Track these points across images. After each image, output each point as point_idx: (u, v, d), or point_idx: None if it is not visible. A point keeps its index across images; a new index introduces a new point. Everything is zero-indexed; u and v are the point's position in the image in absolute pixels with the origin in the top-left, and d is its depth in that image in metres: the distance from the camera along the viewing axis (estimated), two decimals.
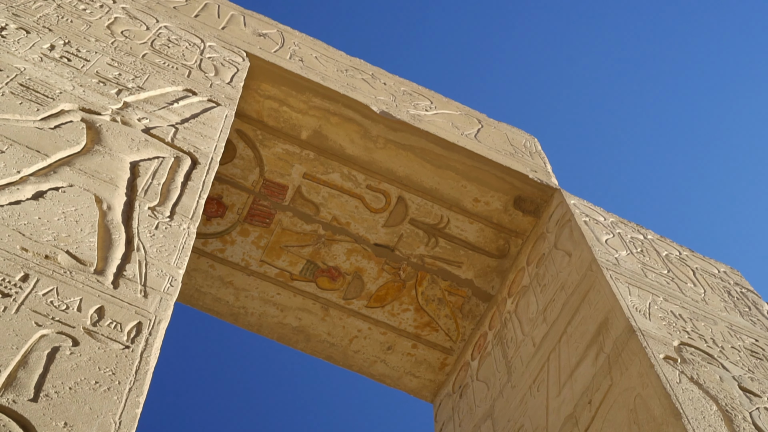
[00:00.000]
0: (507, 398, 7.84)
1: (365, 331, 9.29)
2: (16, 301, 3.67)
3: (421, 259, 9.08)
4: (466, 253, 9.08)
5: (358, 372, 9.59)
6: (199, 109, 6.50)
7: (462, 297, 9.17)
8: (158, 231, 4.69)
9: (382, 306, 9.20)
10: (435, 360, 9.39)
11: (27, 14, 6.74)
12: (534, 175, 8.92)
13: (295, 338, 9.30)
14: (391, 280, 9.12)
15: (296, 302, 9.17)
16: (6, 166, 4.58)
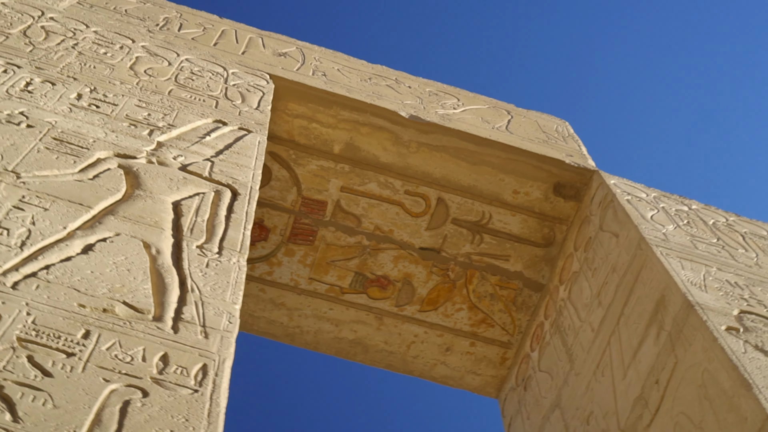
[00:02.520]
0: (572, 386, 7.79)
1: (422, 336, 9.27)
2: (82, 360, 3.68)
3: (468, 258, 9.05)
4: (512, 245, 9.03)
5: (420, 377, 9.57)
6: (232, 138, 6.51)
7: (514, 290, 9.13)
8: (209, 269, 4.70)
9: (435, 308, 9.18)
10: (495, 355, 9.35)
11: (50, 66, 6.79)
12: (570, 159, 8.86)
13: (353, 351, 9.29)
14: (441, 281, 9.10)
15: (350, 315, 9.17)
16: (52, 223, 4.61)
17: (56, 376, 3.54)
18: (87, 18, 8.22)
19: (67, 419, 3.34)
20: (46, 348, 3.69)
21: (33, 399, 3.38)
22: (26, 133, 5.52)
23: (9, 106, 5.83)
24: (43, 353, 3.65)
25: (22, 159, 5.18)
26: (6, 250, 4.25)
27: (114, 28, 8.19)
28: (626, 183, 8.61)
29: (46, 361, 3.61)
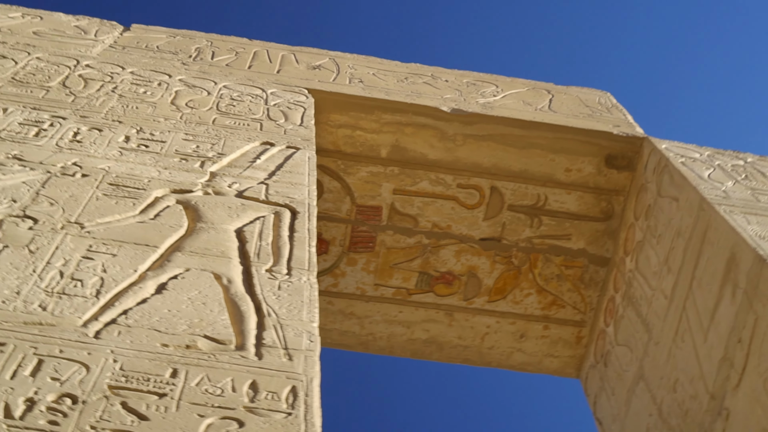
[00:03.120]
0: (653, 356, 7.73)
1: (494, 326, 9.26)
2: (174, 399, 3.72)
3: (529, 242, 9.02)
4: (571, 224, 8.99)
5: (497, 367, 9.56)
6: (282, 158, 6.54)
7: (579, 268, 9.09)
8: (282, 291, 4.72)
9: (504, 297, 9.16)
10: (570, 336, 9.31)
11: (94, 113, 6.86)
12: (618, 129, 8.81)
13: (428, 350, 9.30)
14: (506, 269, 9.08)
15: (420, 315, 9.18)
16: (122, 268, 4.66)
17: (152, 418, 3.58)
18: (121, 60, 8.30)
19: None
20: (137, 392, 3.73)
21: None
22: (83, 183, 5.59)
23: (61, 158, 5.90)
24: (135, 397, 3.69)
25: (83, 209, 5.25)
26: (83, 301, 4.30)
27: (149, 66, 8.26)
28: (678, 145, 8.53)
29: (140, 405, 3.65)
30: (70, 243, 4.83)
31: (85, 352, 3.92)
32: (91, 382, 3.73)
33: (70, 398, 3.61)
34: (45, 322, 4.09)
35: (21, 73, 7.46)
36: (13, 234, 4.81)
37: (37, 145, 6.06)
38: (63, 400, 3.60)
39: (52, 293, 4.33)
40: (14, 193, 5.29)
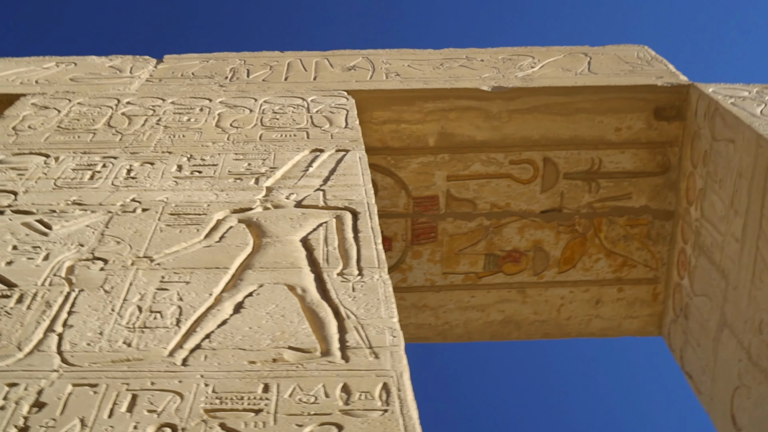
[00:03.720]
0: (734, 302, 7.64)
1: (568, 296, 9.21)
2: (270, 413, 3.74)
3: (590, 207, 8.96)
4: (630, 182, 8.92)
5: (577, 336, 9.51)
6: (333, 162, 6.56)
7: (645, 225, 9.01)
8: (356, 292, 4.73)
9: (574, 266, 9.11)
10: (645, 294, 9.24)
11: (143, 148, 6.93)
12: (661, 81, 8.72)
13: (506, 331, 9.28)
14: (571, 238, 9.03)
15: (492, 297, 9.16)
16: (197, 294, 4.70)
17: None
18: (160, 92, 8.38)
19: None
20: (233, 411, 3.76)
21: None
22: (144, 217, 5.65)
23: (120, 197, 5.97)
24: (232, 417, 3.72)
25: (149, 242, 5.30)
26: (165, 331, 4.34)
27: (188, 93, 8.33)
28: (725, 87, 8.43)
29: (238, 425, 3.67)
30: (143, 277, 4.88)
31: (176, 381, 3.96)
32: (187, 409, 3.77)
33: (170, 428, 3.65)
34: (132, 358, 4.13)
35: (65, 120, 7.56)
36: (86, 277, 4.87)
37: (93, 188, 6.13)
38: (163, 430, 3.64)
39: (134, 328, 4.38)
40: (80, 238, 5.36)
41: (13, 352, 4.17)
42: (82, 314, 4.50)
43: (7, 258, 5.08)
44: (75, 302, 4.61)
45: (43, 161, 6.62)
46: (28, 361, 4.11)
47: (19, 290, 4.72)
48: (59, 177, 6.31)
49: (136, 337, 4.30)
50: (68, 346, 4.23)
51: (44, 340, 4.28)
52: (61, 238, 5.35)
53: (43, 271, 4.93)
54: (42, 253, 5.15)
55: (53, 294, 4.69)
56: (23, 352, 4.18)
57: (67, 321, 4.44)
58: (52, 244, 5.26)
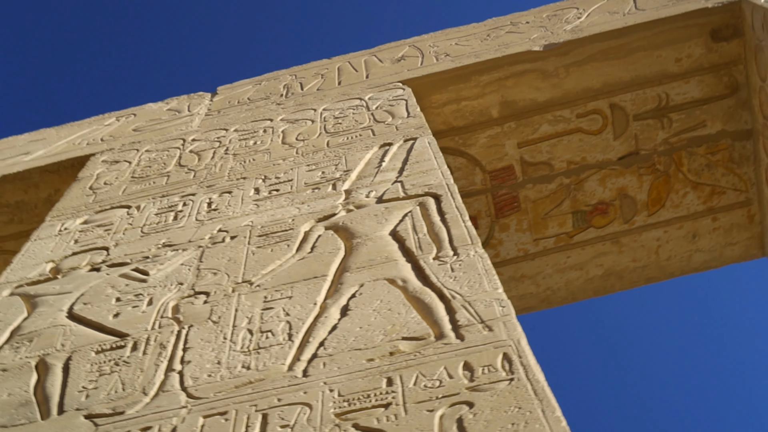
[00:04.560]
0: None
1: (663, 237, 9.10)
2: (399, 404, 3.76)
3: (667, 144, 8.85)
4: (701, 110, 8.79)
5: (681, 275, 9.39)
6: (404, 153, 6.57)
7: (725, 149, 8.87)
8: (455, 272, 4.74)
9: (663, 205, 9.00)
10: (741, 218, 9.09)
11: (217, 179, 7.01)
12: (712, 2, 8.58)
13: (609, 284, 9.20)
14: (654, 178, 8.92)
15: (588, 254, 9.09)
16: (303, 306, 4.74)
17: (387, 429, 3.63)
18: (221, 123, 8.47)
19: None
20: (363, 410, 3.78)
21: None
22: (234, 245, 5.72)
23: (206, 230, 6.05)
24: (364, 416, 3.75)
25: (245, 267, 5.36)
26: (279, 348, 4.39)
27: (248, 118, 8.40)
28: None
29: (371, 422, 3.70)
30: (246, 301, 4.94)
31: (302, 392, 4.00)
32: (318, 417, 3.80)
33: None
34: (254, 379, 4.19)
35: (138, 170, 7.68)
36: (192, 313, 4.95)
37: (179, 228, 6.22)
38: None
39: (249, 351, 4.43)
40: (178, 277, 5.45)
41: (140, 398, 4.25)
42: (196, 348, 4.57)
43: (114, 311, 5.19)
44: (187, 339, 4.69)
45: (125, 213, 6.74)
46: (155, 403, 4.19)
47: (132, 338, 4.82)
48: (145, 224, 6.42)
49: (253, 359, 4.36)
50: (190, 381, 4.30)
51: (166, 380, 4.36)
52: (159, 281, 5.44)
53: (150, 316, 5.02)
54: (145, 299, 5.24)
55: (165, 335, 4.77)
56: (149, 396, 4.26)
57: (184, 358, 4.52)
58: (152, 289, 5.35)
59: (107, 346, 4.78)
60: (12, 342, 5.07)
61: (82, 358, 4.73)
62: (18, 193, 8.58)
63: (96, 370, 4.57)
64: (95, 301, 5.36)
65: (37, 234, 6.72)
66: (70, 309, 5.33)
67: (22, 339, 5.07)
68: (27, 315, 5.39)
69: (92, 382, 4.48)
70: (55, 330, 5.08)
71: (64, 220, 6.87)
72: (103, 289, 5.50)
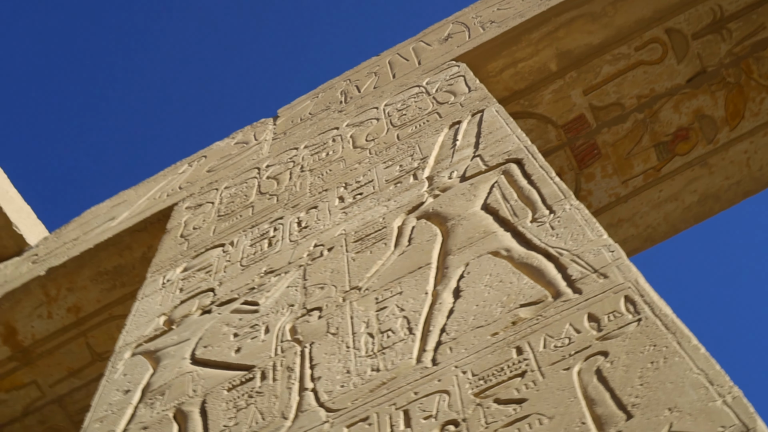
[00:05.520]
0: None
1: (750, 148, 8.96)
2: (534, 370, 3.75)
3: (731, 55, 8.71)
4: (757, 13, 8.68)
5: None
6: (474, 127, 6.55)
7: None
8: (556, 229, 4.71)
9: (742, 117, 8.85)
10: None
11: (299, 198, 7.06)
12: None
13: (707, 208, 9.07)
14: (727, 92, 8.79)
15: (679, 183, 8.97)
16: (414, 298, 4.75)
17: (529, 397, 3.62)
18: (291, 142, 8.53)
19: (567, 419, 3.41)
20: (501, 384, 3.78)
21: (529, 426, 3.47)
22: (333, 256, 5.76)
23: (303, 249, 6.09)
24: (502, 390, 3.74)
25: (349, 275, 5.39)
26: (403, 344, 4.41)
27: (315, 132, 8.44)
28: None
29: (511, 394, 3.69)
30: (359, 307, 4.97)
31: (436, 381, 4.01)
32: (458, 401, 3.81)
33: (452, 424, 3.70)
34: (386, 380, 4.21)
35: (222, 208, 7.77)
36: (310, 331, 4.99)
37: (276, 253, 6.28)
38: (447, 429, 3.69)
39: (375, 354, 4.46)
40: (287, 300, 5.50)
41: (282, 423, 4.30)
42: (323, 363, 4.61)
43: (234, 346, 5.26)
44: (312, 356, 4.73)
45: (221, 251, 6.83)
46: (297, 424, 4.24)
47: (259, 368, 4.88)
48: (242, 258, 6.49)
49: (380, 361, 4.38)
50: (326, 396, 4.34)
51: (302, 400, 4.41)
52: (271, 308, 5.51)
53: (270, 343, 5.07)
54: (261, 328, 5.30)
55: (289, 358, 4.82)
56: (290, 419, 4.31)
57: (314, 375, 4.56)
58: (266, 317, 5.41)
59: (237, 381, 4.85)
60: (146, 400, 5.17)
61: (216, 398, 4.80)
62: (114, 258, 8.75)
63: (232, 406, 4.64)
64: (214, 342, 5.44)
65: (143, 292, 6.85)
66: (193, 355, 5.42)
67: (155, 394, 5.17)
68: (153, 371, 5.50)
69: (232, 419, 4.55)
70: (183, 378, 5.17)
71: (165, 273, 6.98)
72: (218, 328, 5.58)
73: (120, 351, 6.00)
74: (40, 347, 8.92)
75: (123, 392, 5.40)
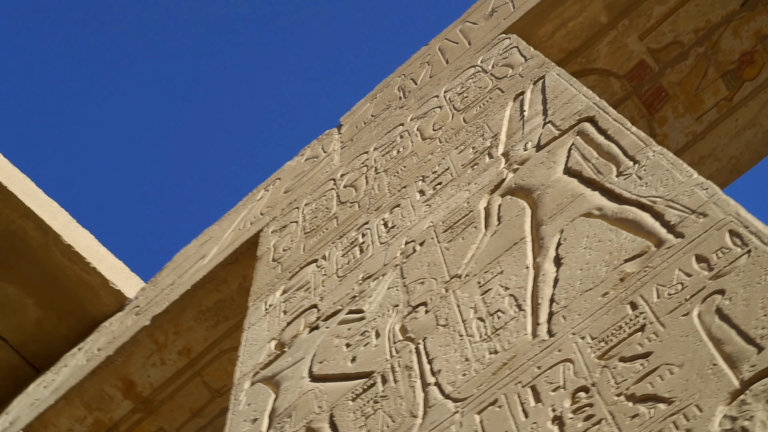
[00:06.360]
0: None
1: None
2: (653, 321, 3.71)
3: None
4: None
5: None
6: (539, 94, 6.50)
7: None
8: (644, 178, 4.66)
9: None
10: None
11: (380, 200, 7.07)
12: None
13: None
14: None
15: (754, 108, 8.85)
16: (517, 275, 4.73)
17: (654, 349, 3.59)
18: (359, 148, 8.55)
19: (698, 363, 3.38)
20: (622, 342, 3.76)
21: (660, 378, 3.44)
22: (426, 249, 5.76)
23: (395, 249, 6.10)
24: (625, 347, 3.72)
25: (446, 265, 5.40)
26: (516, 321, 4.40)
27: (381, 132, 8.44)
28: None
29: (634, 350, 3.67)
30: (463, 294, 4.97)
31: (556, 352, 4.00)
32: (583, 366, 3.80)
33: (582, 390, 3.69)
34: (506, 360, 4.21)
35: (306, 225, 7.83)
36: (420, 327, 5.01)
37: (369, 258, 6.31)
38: (577, 396, 3.68)
39: (489, 337, 4.46)
40: (390, 301, 5.53)
41: (413, 422, 4.33)
42: (440, 356, 4.62)
43: (349, 357, 5.30)
44: (427, 351, 4.75)
45: (315, 267, 6.88)
46: (428, 420, 4.26)
47: (377, 373, 4.91)
48: (337, 269, 6.53)
49: (496, 343, 4.38)
50: (450, 387, 4.35)
51: (427, 396, 4.43)
52: (376, 312, 5.53)
53: (384, 347, 5.10)
54: (371, 333, 5.33)
55: (405, 357, 4.85)
56: (419, 417, 4.34)
57: (433, 369, 4.58)
58: (373, 322, 5.44)
59: (359, 390, 4.89)
60: (274, 425, 5.24)
61: (342, 410, 4.85)
62: (212, 295, 8.87)
63: (360, 415, 4.68)
64: (329, 356, 5.49)
65: (248, 321, 6.93)
66: (310, 372, 5.47)
67: (282, 417, 5.24)
68: (275, 396, 5.56)
69: (362, 428, 4.59)
70: (306, 397, 5.23)
71: (265, 299, 7.06)
72: (330, 342, 5.63)
73: (239, 382, 6.08)
74: (160, 394, 9.08)
75: (251, 422, 5.48)
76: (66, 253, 10.46)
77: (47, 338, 10.70)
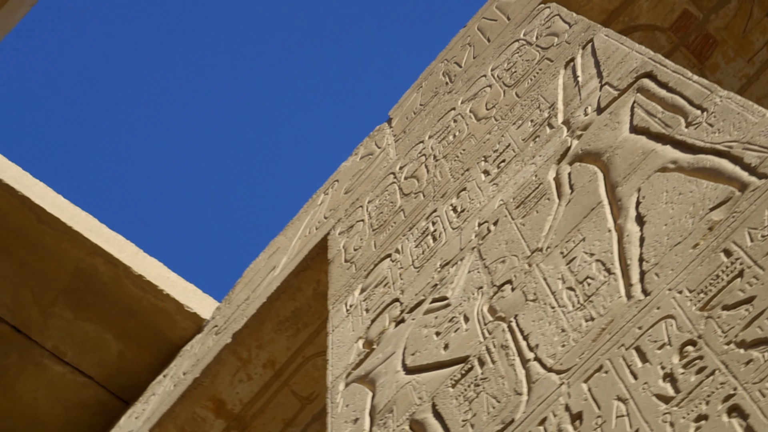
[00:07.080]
0: None
1: None
2: (751, 266, 3.63)
3: None
4: None
5: None
6: (590, 58, 6.43)
7: None
8: (715, 125, 4.60)
9: None
10: None
11: (445, 186, 7.08)
12: None
13: None
14: None
15: None
16: (600, 240, 4.69)
17: (756, 293, 3.52)
18: (414, 138, 8.52)
19: None
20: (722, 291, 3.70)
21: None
22: (501, 228, 5.73)
23: (468, 232, 6.08)
24: (726, 295, 3.66)
25: (525, 240, 5.36)
26: (607, 286, 4.36)
27: (434, 120, 8.42)
28: None
29: (737, 296, 3.60)
30: (548, 267, 4.93)
31: (655, 309, 3.96)
32: (686, 320, 3.75)
33: (689, 344, 3.64)
34: (605, 325, 4.17)
35: (374, 222, 7.82)
36: (508, 305, 4.98)
37: (444, 245, 6.29)
38: (685, 350, 3.64)
39: (582, 305, 4.42)
40: (473, 284, 5.51)
41: (519, 399, 4.31)
42: (535, 331, 4.60)
43: (441, 345, 5.29)
44: (521, 328, 4.72)
45: (390, 262, 6.88)
46: (534, 395, 4.24)
47: (473, 357, 4.89)
48: (413, 260, 6.52)
49: (590, 310, 4.35)
50: (551, 361, 4.32)
51: (529, 372, 4.40)
52: (461, 297, 5.52)
53: (475, 330, 5.08)
54: (460, 318, 5.32)
55: (499, 337, 4.82)
56: (524, 393, 4.31)
57: (530, 344, 4.55)
58: (460, 307, 5.43)
59: (458, 375, 4.87)
60: (377, 422, 5.24)
61: (444, 398, 4.84)
62: (288, 304, 8.90)
63: (463, 400, 4.67)
64: (420, 347, 5.48)
65: (331, 324, 6.95)
66: (404, 365, 5.46)
67: (383, 413, 5.24)
68: (372, 393, 5.57)
69: (468, 412, 4.57)
70: (404, 390, 5.22)
71: (345, 300, 7.07)
72: (419, 333, 5.62)
73: (333, 385, 6.10)
74: (250, 409, 9.13)
75: (352, 422, 5.49)
76: (138, 283, 10.57)
77: (131, 369, 10.81)
